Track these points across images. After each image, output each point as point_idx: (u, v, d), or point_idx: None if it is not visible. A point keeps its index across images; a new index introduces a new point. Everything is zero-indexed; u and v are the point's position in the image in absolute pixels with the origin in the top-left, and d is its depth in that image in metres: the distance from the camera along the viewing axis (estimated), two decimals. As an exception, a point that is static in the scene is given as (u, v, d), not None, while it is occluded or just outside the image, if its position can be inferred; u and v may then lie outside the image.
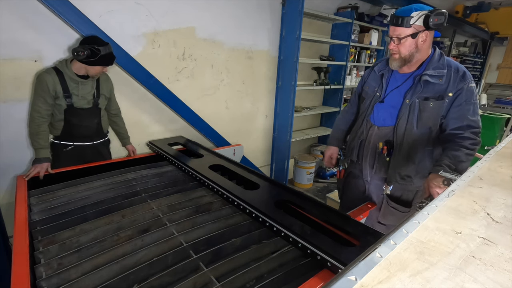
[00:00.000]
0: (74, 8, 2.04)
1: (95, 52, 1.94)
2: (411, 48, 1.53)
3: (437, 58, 1.58)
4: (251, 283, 1.12)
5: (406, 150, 1.64)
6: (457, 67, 1.57)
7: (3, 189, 2.14)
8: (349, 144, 1.92)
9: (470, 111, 1.52)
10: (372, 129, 1.74)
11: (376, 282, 0.47)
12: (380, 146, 1.70)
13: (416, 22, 1.47)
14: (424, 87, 1.57)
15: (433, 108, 1.56)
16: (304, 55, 3.85)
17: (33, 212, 1.59)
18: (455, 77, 1.54)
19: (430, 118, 1.58)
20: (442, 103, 1.54)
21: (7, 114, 2.04)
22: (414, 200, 1.76)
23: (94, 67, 2.01)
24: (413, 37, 1.50)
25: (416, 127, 1.60)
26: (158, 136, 2.82)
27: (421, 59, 1.60)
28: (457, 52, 7.79)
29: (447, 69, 1.55)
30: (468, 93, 1.52)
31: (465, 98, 1.52)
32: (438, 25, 1.46)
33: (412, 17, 1.47)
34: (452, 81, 1.53)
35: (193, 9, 2.72)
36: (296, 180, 4.21)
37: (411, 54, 1.55)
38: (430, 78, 1.55)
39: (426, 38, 1.52)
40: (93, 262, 1.19)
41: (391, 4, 4.46)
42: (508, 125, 4.98)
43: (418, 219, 0.66)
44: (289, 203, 1.61)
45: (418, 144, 1.62)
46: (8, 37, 1.93)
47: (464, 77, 1.54)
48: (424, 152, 1.64)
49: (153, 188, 1.90)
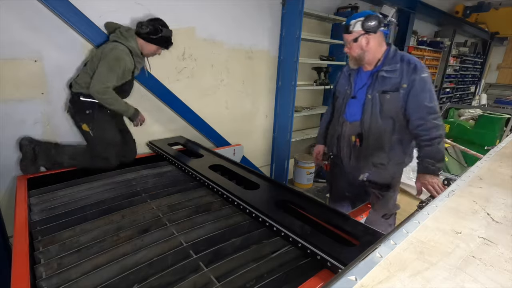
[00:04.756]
0: (74, 8, 2.04)
1: (158, 30, 2.05)
2: (358, 50, 1.73)
3: (392, 54, 1.74)
4: (251, 283, 1.12)
5: (375, 140, 1.80)
6: (408, 60, 1.71)
7: (3, 189, 2.14)
8: (329, 139, 2.10)
9: (426, 98, 1.66)
10: (345, 124, 1.91)
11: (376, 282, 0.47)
12: (353, 139, 1.88)
13: (354, 29, 1.69)
14: (381, 82, 1.73)
15: (390, 100, 1.71)
16: (304, 55, 3.85)
17: (33, 212, 1.59)
18: (408, 70, 1.68)
19: (390, 109, 1.73)
20: (398, 95, 1.69)
21: (7, 114, 2.03)
22: (392, 184, 1.93)
23: (150, 45, 2.11)
24: (355, 41, 1.71)
25: (380, 118, 1.76)
26: (158, 136, 2.82)
27: (375, 58, 1.75)
28: (457, 52, 7.78)
29: (400, 63, 1.71)
30: (422, 82, 1.66)
31: (419, 88, 1.66)
32: (371, 28, 1.66)
33: (351, 24, 1.70)
34: (405, 74, 1.68)
35: (193, 9, 2.72)
36: (296, 180, 4.20)
37: (360, 55, 1.75)
38: (386, 73, 1.72)
39: (369, 40, 1.69)
40: (93, 262, 1.19)
41: (391, 4, 4.46)
42: (508, 125, 4.97)
43: (418, 219, 0.66)
44: (289, 203, 1.61)
45: (385, 134, 1.78)
46: (8, 37, 1.93)
47: (416, 69, 1.67)
48: (392, 141, 1.79)
49: (153, 188, 1.90)
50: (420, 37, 6.13)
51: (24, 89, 2.07)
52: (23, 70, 2.03)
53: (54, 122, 2.22)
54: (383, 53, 1.75)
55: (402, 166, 1.93)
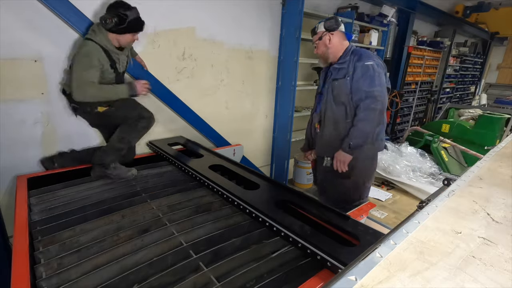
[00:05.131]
0: (74, 8, 2.04)
1: (122, 18, 1.90)
2: (322, 47, 2.01)
3: (348, 51, 1.97)
4: (251, 283, 1.12)
5: (331, 125, 2.02)
6: (357, 52, 1.94)
7: (3, 189, 2.14)
8: (309, 136, 2.34)
9: (366, 83, 1.84)
10: (314, 117, 2.19)
11: (376, 282, 0.47)
12: (316, 126, 2.16)
13: (318, 29, 2.01)
14: (334, 72, 1.99)
15: (339, 85, 1.94)
16: (304, 55, 3.85)
17: (33, 212, 1.59)
18: (353, 60, 1.91)
19: (340, 94, 1.94)
20: (345, 81, 1.91)
21: (7, 114, 2.03)
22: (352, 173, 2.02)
23: (123, 35, 1.98)
24: (320, 39, 2.00)
25: (334, 104, 1.98)
26: (158, 136, 2.82)
27: (337, 54, 1.99)
28: (457, 52, 7.76)
29: (350, 56, 1.94)
30: (363, 69, 1.85)
31: (360, 73, 1.86)
32: (330, 27, 1.95)
33: (316, 27, 2.03)
34: (351, 63, 1.91)
35: (193, 9, 2.72)
36: (296, 180, 4.20)
37: (324, 52, 2.01)
38: (338, 65, 1.97)
39: (331, 38, 1.97)
40: (93, 262, 1.19)
41: (391, 4, 4.46)
42: (508, 125, 4.97)
43: (418, 219, 0.66)
44: (289, 203, 1.61)
45: (339, 120, 1.98)
46: (8, 37, 1.93)
47: (360, 58, 1.89)
48: (346, 125, 1.96)
49: (153, 188, 1.90)
50: (420, 37, 6.13)
51: (24, 89, 2.07)
52: (23, 70, 2.03)
53: (54, 122, 2.22)
54: (344, 51, 1.98)
55: (362, 154, 1.98)
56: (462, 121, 5.16)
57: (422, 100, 6.93)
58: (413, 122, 6.88)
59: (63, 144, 2.28)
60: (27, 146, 2.15)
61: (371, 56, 1.91)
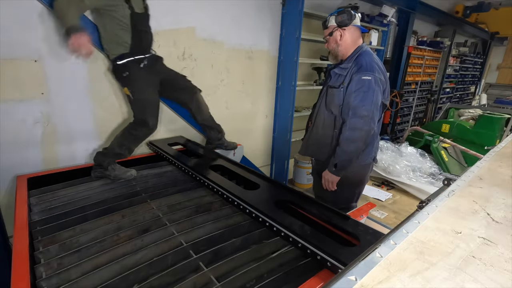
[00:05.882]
0: (74, 8, 2.04)
1: None
2: (333, 44, 1.86)
3: (356, 53, 1.81)
4: (251, 283, 1.12)
5: (320, 128, 1.95)
6: (359, 62, 1.76)
7: (3, 189, 2.14)
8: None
9: (357, 99, 1.71)
10: (311, 114, 2.10)
11: (376, 282, 0.47)
12: (309, 125, 2.10)
13: (329, 23, 1.84)
14: (332, 78, 1.87)
15: (331, 95, 1.84)
16: (304, 55, 3.85)
17: (33, 212, 1.59)
18: (353, 70, 1.76)
19: (331, 102, 1.85)
20: (338, 91, 1.80)
21: (7, 114, 2.03)
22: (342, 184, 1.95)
23: None
24: (331, 35, 1.85)
25: (325, 110, 1.91)
26: (158, 136, 2.82)
27: (347, 53, 1.85)
28: (457, 52, 7.77)
29: (352, 63, 1.79)
30: (359, 83, 1.71)
31: (355, 87, 1.72)
32: (342, 22, 1.79)
33: (327, 20, 1.86)
34: (349, 73, 1.78)
35: (193, 9, 2.72)
36: (296, 180, 4.20)
37: (335, 49, 1.87)
38: (337, 71, 1.84)
39: (342, 34, 1.81)
40: (93, 262, 1.19)
41: (391, 4, 4.46)
42: (508, 125, 4.97)
43: (418, 219, 0.66)
44: (289, 203, 1.61)
45: (328, 125, 1.91)
46: (8, 37, 1.93)
47: (359, 70, 1.73)
48: (333, 134, 1.89)
49: (153, 188, 1.90)
50: (420, 37, 6.13)
51: (24, 89, 2.07)
52: (23, 70, 2.03)
53: (54, 122, 2.22)
54: (354, 50, 1.83)
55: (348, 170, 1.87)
56: (462, 121, 5.16)
57: (422, 100, 6.93)
58: (413, 122, 6.88)
59: (63, 144, 2.28)
60: (27, 146, 2.15)
61: (372, 69, 1.72)
